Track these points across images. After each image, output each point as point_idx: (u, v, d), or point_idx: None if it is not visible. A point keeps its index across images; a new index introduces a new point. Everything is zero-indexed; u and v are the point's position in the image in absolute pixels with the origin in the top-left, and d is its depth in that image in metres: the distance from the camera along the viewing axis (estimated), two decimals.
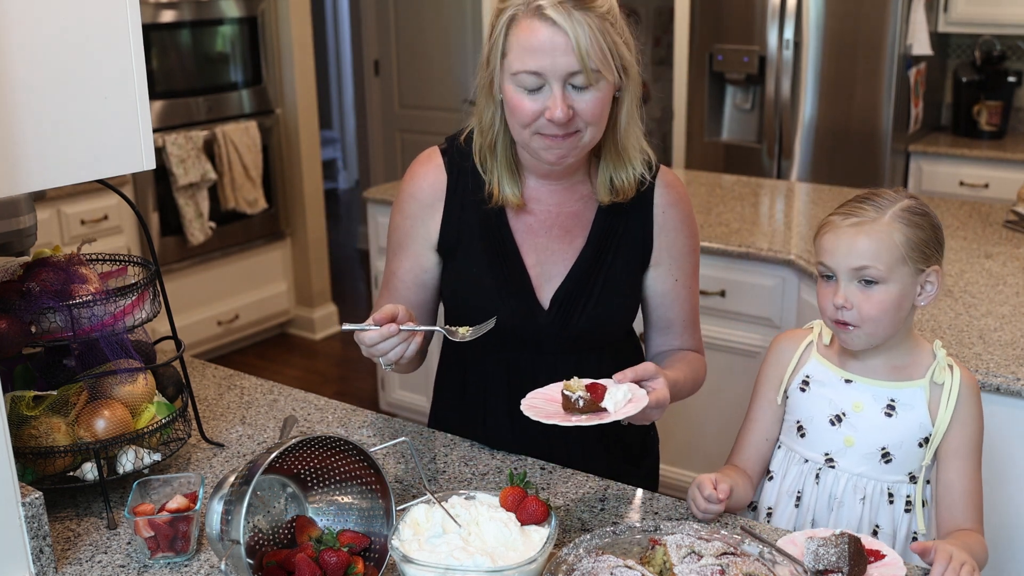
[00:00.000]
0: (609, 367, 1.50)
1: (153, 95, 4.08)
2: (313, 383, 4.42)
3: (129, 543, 1.41)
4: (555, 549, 1.34)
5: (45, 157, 1.30)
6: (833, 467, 1.55)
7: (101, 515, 1.48)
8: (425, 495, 1.34)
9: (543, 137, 1.49)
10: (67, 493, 1.52)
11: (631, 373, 1.43)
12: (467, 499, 1.34)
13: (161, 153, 4.13)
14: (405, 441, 1.40)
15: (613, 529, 1.33)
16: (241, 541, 1.16)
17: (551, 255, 1.63)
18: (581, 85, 1.45)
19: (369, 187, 5.63)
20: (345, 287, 5.71)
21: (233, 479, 1.25)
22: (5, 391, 1.47)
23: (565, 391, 1.38)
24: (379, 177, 5.95)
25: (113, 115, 1.36)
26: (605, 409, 1.37)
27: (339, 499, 1.36)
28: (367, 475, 1.32)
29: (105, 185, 1.59)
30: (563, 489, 1.55)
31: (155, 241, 4.23)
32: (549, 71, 1.43)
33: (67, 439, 1.46)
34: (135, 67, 1.36)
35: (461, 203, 1.63)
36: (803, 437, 1.57)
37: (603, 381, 1.41)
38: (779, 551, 1.28)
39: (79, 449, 1.45)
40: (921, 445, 1.51)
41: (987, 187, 4.05)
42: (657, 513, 1.48)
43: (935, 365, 1.51)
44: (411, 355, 1.45)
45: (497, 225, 1.63)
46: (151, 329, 1.74)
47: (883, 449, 1.51)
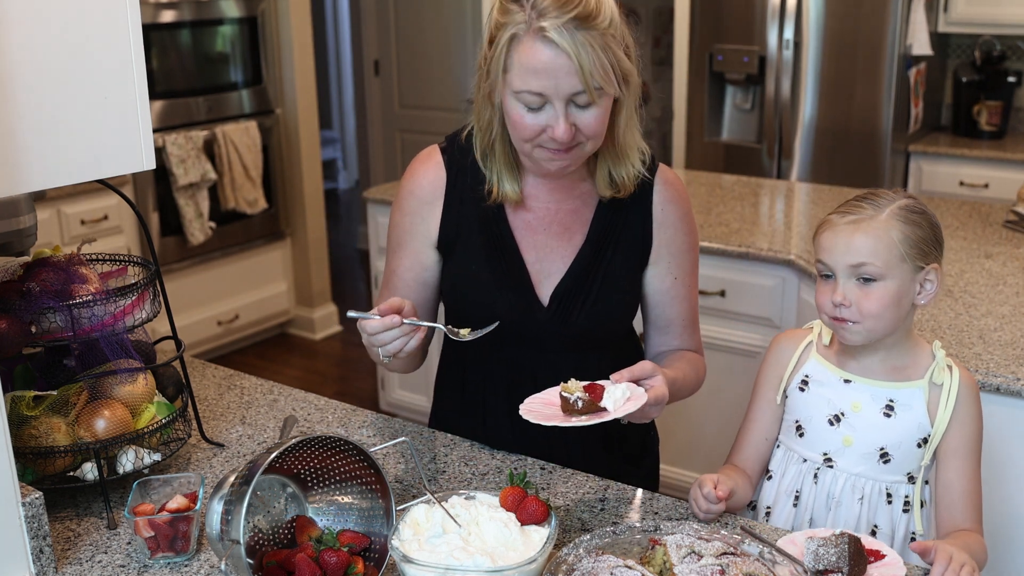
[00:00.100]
0: (609, 366, 1.50)
1: (153, 95, 4.08)
2: (313, 383, 4.42)
3: (129, 543, 1.41)
4: (555, 549, 1.34)
5: (45, 157, 1.30)
6: (831, 467, 1.55)
7: (101, 515, 1.48)
8: (425, 495, 1.34)
9: (545, 150, 1.49)
10: (67, 493, 1.52)
11: (628, 373, 1.43)
12: (467, 499, 1.34)
13: (161, 153, 4.13)
14: (405, 441, 1.40)
15: (613, 529, 1.33)
16: (241, 541, 1.16)
17: (550, 252, 1.63)
18: (583, 104, 1.45)
19: (369, 187, 5.64)
20: (345, 287, 5.71)
21: (233, 479, 1.25)
22: (5, 391, 1.47)
23: (563, 393, 1.38)
24: (379, 177, 5.95)
25: (113, 115, 1.36)
26: (604, 408, 1.37)
27: (339, 499, 1.36)
28: (367, 475, 1.32)
29: (105, 185, 1.59)
30: (563, 489, 1.55)
31: (155, 241, 4.23)
32: (552, 92, 1.42)
33: (67, 439, 1.46)
34: (135, 67, 1.36)
35: (460, 199, 1.63)
36: (802, 437, 1.57)
37: (601, 382, 1.41)
38: (779, 551, 1.28)
39: (79, 449, 1.45)
40: (920, 446, 1.51)
41: (987, 187, 4.05)
42: (657, 513, 1.48)
43: (934, 366, 1.51)
44: (411, 350, 1.45)
45: (496, 221, 1.63)
46: (151, 329, 1.74)
47: (881, 449, 1.51)
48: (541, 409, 1.41)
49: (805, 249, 2.78)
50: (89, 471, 1.48)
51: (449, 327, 1.51)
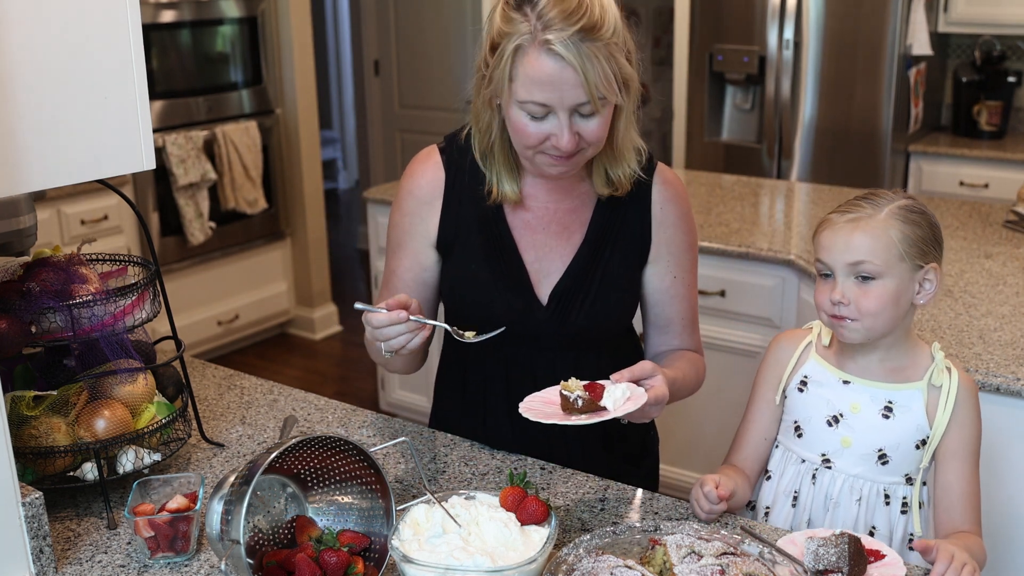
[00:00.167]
0: (608, 366, 1.50)
1: (153, 95, 4.08)
2: (313, 383, 4.42)
3: (129, 543, 1.41)
4: (555, 549, 1.34)
5: (45, 157, 1.30)
6: (830, 468, 1.55)
7: (101, 515, 1.48)
8: (425, 495, 1.34)
9: (547, 156, 1.50)
10: (67, 493, 1.52)
11: (628, 373, 1.43)
12: (467, 499, 1.34)
13: (161, 153, 4.13)
14: (405, 441, 1.40)
15: (613, 529, 1.33)
16: (241, 541, 1.16)
17: (549, 251, 1.63)
18: (587, 113, 1.45)
19: (369, 187, 5.64)
20: (345, 287, 5.71)
21: (233, 479, 1.25)
22: (5, 391, 1.47)
23: (563, 391, 1.38)
24: (379, 177, 5.95)
25: (113, 115, 1.36)
26: (604, 408, 1.37)
27: (339, 499, 1.36)
28: (367, 475, 1.32)
29: (105, 185, 1.59)
30: (563, 489, 1.55)
31: (155, 241, 4.23)
32: (556, 103, 1.42)
33: (67, 439, 1.46)
34: (135, 67, 1.36)
35: (459, 199, 1.64)
36: (800, 437, 1.57)
37: (601, 381, 1.41)
38: (779, 551, 1.28)
39: (79, 449, 1.46)
40: (918, 447, 1.51)
41: (987, 187, 4.05)
42: (657, 513, 1.48)
43: (933, 367, 1.51)
44: (413, 348, 1.45)
45: (495, 221, 1.63)
46: (151, 329, 1.74)
47: (880, 451, 1.51)
48: (541, 407, 1.41)
49: (805, 249, 2.78)
50: (89, 471, 1.48)
51: (454, 328, 1.51)
